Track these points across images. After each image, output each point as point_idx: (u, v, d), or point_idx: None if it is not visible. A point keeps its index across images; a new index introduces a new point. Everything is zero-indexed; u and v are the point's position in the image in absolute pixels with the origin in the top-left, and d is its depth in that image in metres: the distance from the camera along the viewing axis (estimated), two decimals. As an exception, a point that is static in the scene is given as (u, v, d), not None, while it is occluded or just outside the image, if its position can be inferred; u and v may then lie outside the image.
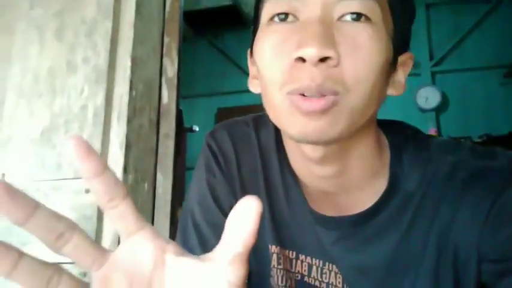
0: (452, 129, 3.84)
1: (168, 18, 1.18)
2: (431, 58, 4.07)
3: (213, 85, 4.43)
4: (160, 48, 1.16)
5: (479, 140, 3.56)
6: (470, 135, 3.70)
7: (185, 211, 0.73)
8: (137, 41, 1.06)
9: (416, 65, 3.99)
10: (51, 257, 0.96)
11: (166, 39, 1.17)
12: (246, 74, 0.65)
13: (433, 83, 3.99)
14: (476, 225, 0.55)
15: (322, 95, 0.49)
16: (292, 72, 0.50)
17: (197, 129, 1.77)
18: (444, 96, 3.92)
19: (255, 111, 0.78)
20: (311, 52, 0.47)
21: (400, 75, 0.59)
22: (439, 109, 3.94)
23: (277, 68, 0.52)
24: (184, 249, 0.69)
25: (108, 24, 1.04)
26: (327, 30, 0.49)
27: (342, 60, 0.49)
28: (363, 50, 0.50)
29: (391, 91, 0.58)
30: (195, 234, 0.68)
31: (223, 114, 4.18)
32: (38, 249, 0.96)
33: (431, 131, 3.71)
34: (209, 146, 0.74)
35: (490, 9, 3.95)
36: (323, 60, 0.48)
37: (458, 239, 0.56)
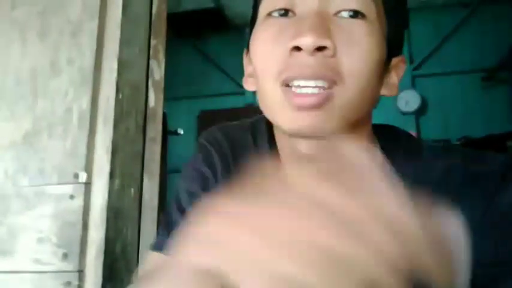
0: (432, 132, 3.89)
1: (154, 20, 1.16)
2: (411, 62, 4.12)
3: (196, 88, 4.40)
4: (147, 50, 1.14)
5: (458, 143, 3.62)
6: (450, 138, 3.76)
7: (172, 199, 0.71)
8: (124, 42, 1.03)
9: (396, 69, 4.03)
10: (33, 266, 0.93)
11: (153, 41, 1.15)
12: (229, 77, 0.65)
13: (413, 86, 4.05)
14: (469, 231, 0.55)
15: (317, 87, 0.49)
16: (287, 61, 0.51)
17: (182, 132, 1.75)
18: (424, 100, 3.98)
19: (238, 114, 0.77)
20: (307, 41, 0.48)
21: (394, 77, 0.60)
22: (419, 112, 4.00)
23: (273, 58, 0.52)
24: (167, 232, 0.66)
25: (94, 25, 1.01)
26: (324, 22, 0.50)
27: (338, 52, 0.50)
28: (358, 44, 0.51)
29: (384, 91, 0.59)
30: (181, 220, 0.66)
31: (205, 117, 4.16)
32: (23, 257, 0.92)
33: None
34: (209, 143, 0.73)
35: (469, 14, 4.03)
36: (319, 50, 0.49)
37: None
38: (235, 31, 4.23)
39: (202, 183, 0.69)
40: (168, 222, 0.68)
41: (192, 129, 4.03)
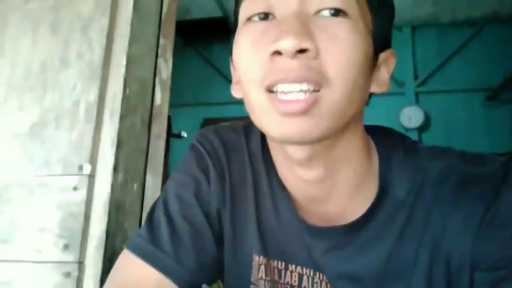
0: (434, 149, 3.89)
1: (164, 20, 1.18)
2: (415, 78, 4.14)
3: (200, 95, 4.43)
4: (155, 49, 1.15)
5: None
6: (452, 155, 3.76)
7: (158, 201, 0.70)
8: (133, 39, 1.05)
9: (400, 85, 4.06)
10: (33, 255, 0.93)
11: (161, 40, 1.17)
12: None
13: (417, 102, 4.06)
14: (469, 233, 0.54)
15: (302, 91, 0.48)
16: (269, 67, 0.50)
17: (185, 135, 1.76)
18: (427, 116, 3.99)
19: None
20: (287, 44, 0.47)
21: (383, 72, 0.59)
22: (422, 128, 4.01)
23: (254, 65, 0.51)
24: (150, 237, 0.66)
25: (105, 21, 1.03)
26: (303, 23, 0.49)
27: (321, 52, 0.49)
28: (341, 42, 0.49)
29: (374, 88, 0.58)
30: (166, 227, 0.65)
31: (209, 124, 4.16)
32: (23, 247, 0.93)
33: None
34: (203, 146, 0.72)
35: (474, 34, 4.06)
36: (300, 52, 0.48)
37: (450, 247, 0.55)
38: (242, 41, 4.26)
39: (194, 188, 0.68)
40: (152, 226, 0.67)
41: (195, 136, 4.04)
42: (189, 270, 0.64)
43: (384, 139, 0.65)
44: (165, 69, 1.17)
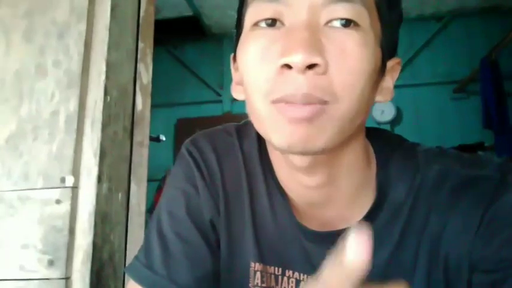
0: (407, 142, 3.96)
1: (142, 23, 1.15)
2: (386, 73, 4.20)
3: (173, 95, 4.37)
4: (134, 53, 1.12)
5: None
6: (424, 147, 3.84)
7: (153, 219, 0.68)
8: (112, 45, 1.01)
9: (372, 80, 4.10)
10: (16, 273, 0.89)
11: (141, 45, 1.14)
12: (206, 84, 0.63)
13: (388, 97, 4.13)
14: (468, 235, 0.54)
15: (309, 104, 0.47)
16: (277, 80, 0.48)
17: (164, 138, 1.72)
18: (399, 110, 4.06)
19: (216, 122, 0.75)
20: (297, 59, 0.46)
21: (389, 81, 0.59)
22: (394, 122, 4.08)
23: (261, 76, 0.50)
24: (145, 258, 0.65)
25: (82, 27, 0.99)
26: (314, 35, 0.48)
27: (330, 67, 0.47)
28: (351, 57, 0.48)
29: (379, 98, 0.57)
30: (159, 246, 0.64)
31: (182, 125, 4.13)
32: (6, 265, 0.88)
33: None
34: (190, 155, 0.70)
35: (441, 28, 4.15)
36: (310, 67, 0.46)
37: (449, 249, 0.55)
38: (213, 39, 4.24)
39: (184, 202, 0.67)
40: (147, 246, 0.66)
41: (170, 137, 3.99)
42: None
43: (382, 143, 0.64)
44: (146, 73, 1.14)
